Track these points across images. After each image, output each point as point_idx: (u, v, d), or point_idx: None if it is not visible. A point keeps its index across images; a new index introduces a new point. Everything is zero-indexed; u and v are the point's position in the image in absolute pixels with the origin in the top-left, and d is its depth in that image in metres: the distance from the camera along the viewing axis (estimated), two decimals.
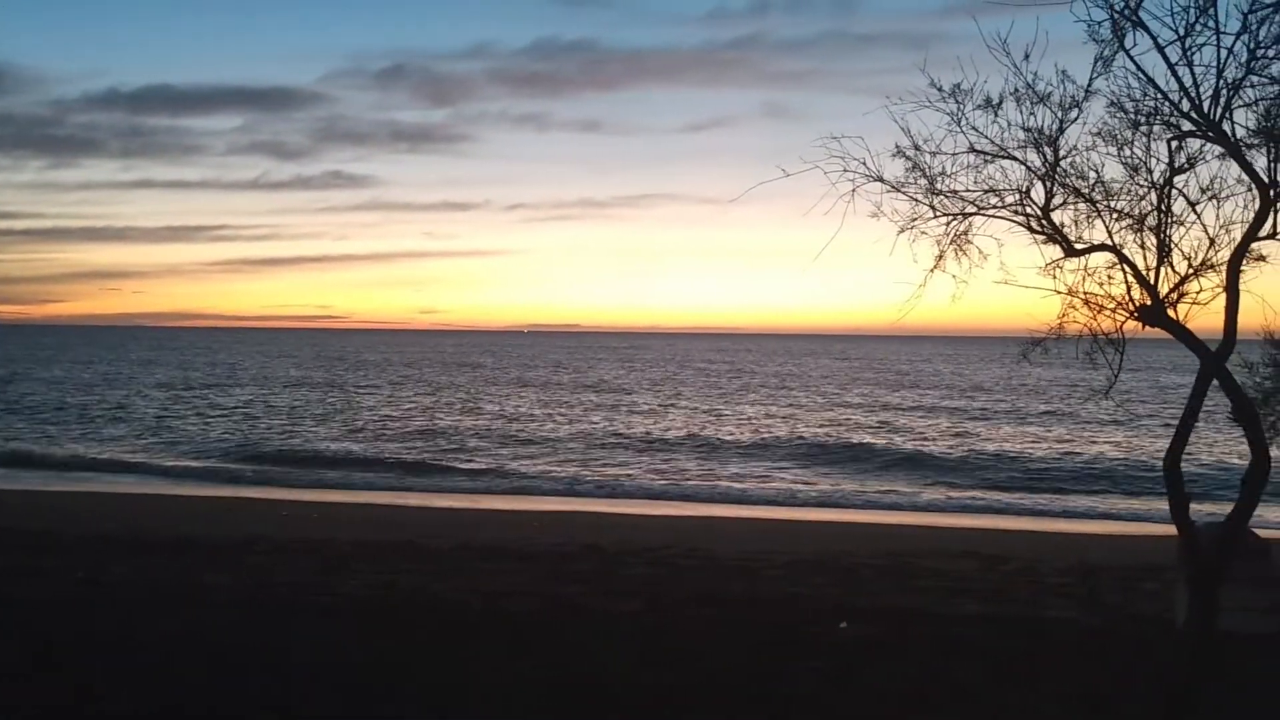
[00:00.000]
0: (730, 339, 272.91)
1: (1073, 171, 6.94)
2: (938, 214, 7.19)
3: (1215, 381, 6.54)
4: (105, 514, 19.30)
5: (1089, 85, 6.70)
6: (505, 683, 8.31)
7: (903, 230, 7.25)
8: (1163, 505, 7.11)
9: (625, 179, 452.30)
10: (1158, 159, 6.72)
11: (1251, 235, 6.47)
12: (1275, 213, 6.48)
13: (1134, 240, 6.85)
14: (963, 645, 10.00)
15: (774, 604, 11.74)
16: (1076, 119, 6.83)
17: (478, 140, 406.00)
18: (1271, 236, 6.52)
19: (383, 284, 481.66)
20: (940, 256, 7.21)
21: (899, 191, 7.15)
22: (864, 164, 7.08)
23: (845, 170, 7.06)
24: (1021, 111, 6.88)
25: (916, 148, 7.15)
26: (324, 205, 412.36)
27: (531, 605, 11.21)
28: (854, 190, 7.07)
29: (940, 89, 6.99)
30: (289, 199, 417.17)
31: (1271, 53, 6.27)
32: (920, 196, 7.17)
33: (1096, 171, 6.91)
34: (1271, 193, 6.41)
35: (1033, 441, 39.38)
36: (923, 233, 7.25)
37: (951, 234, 7.20)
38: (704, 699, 8.24)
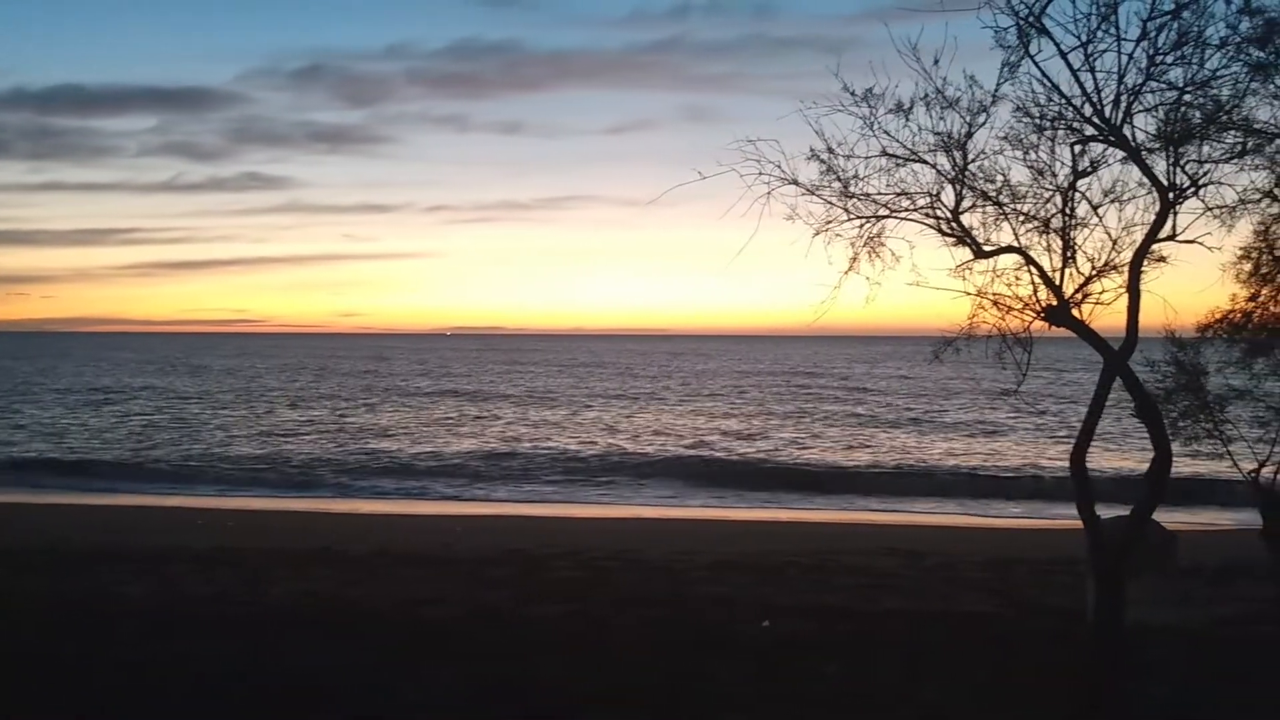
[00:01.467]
0: (652, 341, 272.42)
1: (981, 175, 7.10)
2: (851, 216, 7.29)
3: (1120, 379, 6.72)
4: (16, 524, 18.65)
5: (996, 90, 6.87)
6: (425, 691, 8.19)
7: (818, 233, 7.35)
8: (1069, 504, 7.26)
9: (547, 180, 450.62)
10: (1062, 163, 6.93)
11: (1152, 237, 6.67)
12: (1174, 215, 6.70)
13: (1040, 242, 7.03)
14: (883, 641, 10.12)
15: (700, 604, 11.76)
16: (984, 123, 7.01)
17: (397, 141, 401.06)
18: (1171, 238, 6.73)
19: (301, 287, 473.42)
20: (854, 258, 7.32)
21: (813, 194, 7.23)
22: (779, 167, 7.15)
23: (760, 173, 7.12)
24: (931, 116, 7.03)
25: (830, 151, 7.26)
26: (240, 207, 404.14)
27: (452, 612, 11.07)
28: (769, 193, 7.14)
29: (853, 93, 7.10)
30: (204, 201, 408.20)
31: (1170, 59, 6.48)
32: (834, 199, 7.27)
33: (1003, 175, 7.08)
34: (1171, 195, 6.61)
35: (939, 441, 40.03)
36: (837, 235, 7.36)
37: (865, 236, 7.32)
38: (628, 702, 8.20)
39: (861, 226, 7.27)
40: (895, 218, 7.26)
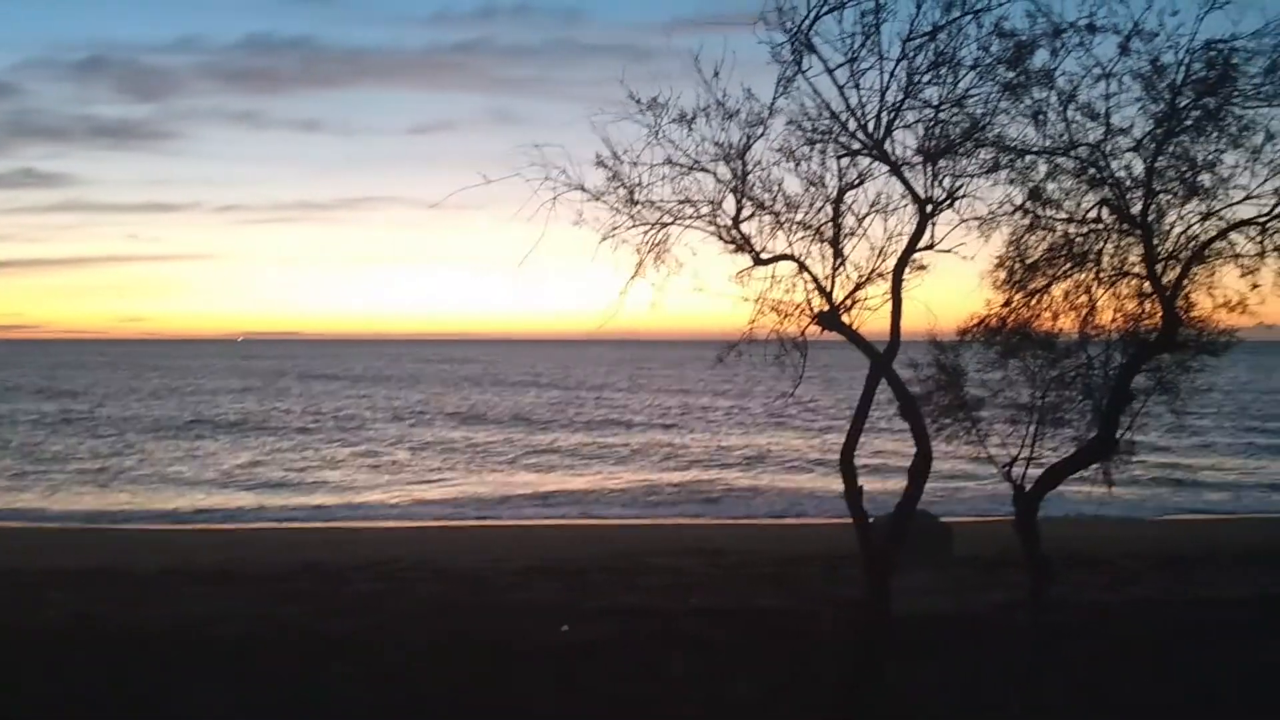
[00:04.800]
0: (448, 346, 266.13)
1: (759, 185, 7.34)
2: (637, 223, 7.42)
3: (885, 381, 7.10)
4: None
5: (772, 104, 7.12)
6: (207, 714, 7.87)
7: (605, 239, 7.44)
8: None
9: (346, 181, 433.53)
10: (832, 175, 7.22)
11: (912, 246, 7.07)
12: (933, 226, 7.12)
13: (813, 250, 7.33)
14: (681, 639, 10.37)
15: (502, 612, 11.74)
16: (762, 135, 7.24)
17: (187, 138, 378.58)
18: (930, 247, 7.15)
19: (82, 291, 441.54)
20: (640, 264, 7.44)
21: (599, 200, 7.32)
22: (564, 172, 7.20)
23: (547, 178, 7.16)
24: (711, 126, 7.22)
25: (617, 158, 7.35)
26: (14, 205, 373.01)
27: (241, 630, 10.67)
28: (555, 198, 7.19)
29: (639, 101, 7.21)
30: None
31: (927, 78, 6.88)
32: (620, 206, 7.37)
33: (779, 186, 7.33)
34: (929, 207, 7.03)
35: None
36: (624, 241, 7.47)
37: (650, 242, 7.45)
38: (423, 714, 8.12)
39: (646, 233, 7.44)
40: (679, 225, 7.45)
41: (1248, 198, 7.27)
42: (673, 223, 7.45)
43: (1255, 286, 7.40)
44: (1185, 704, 8.31)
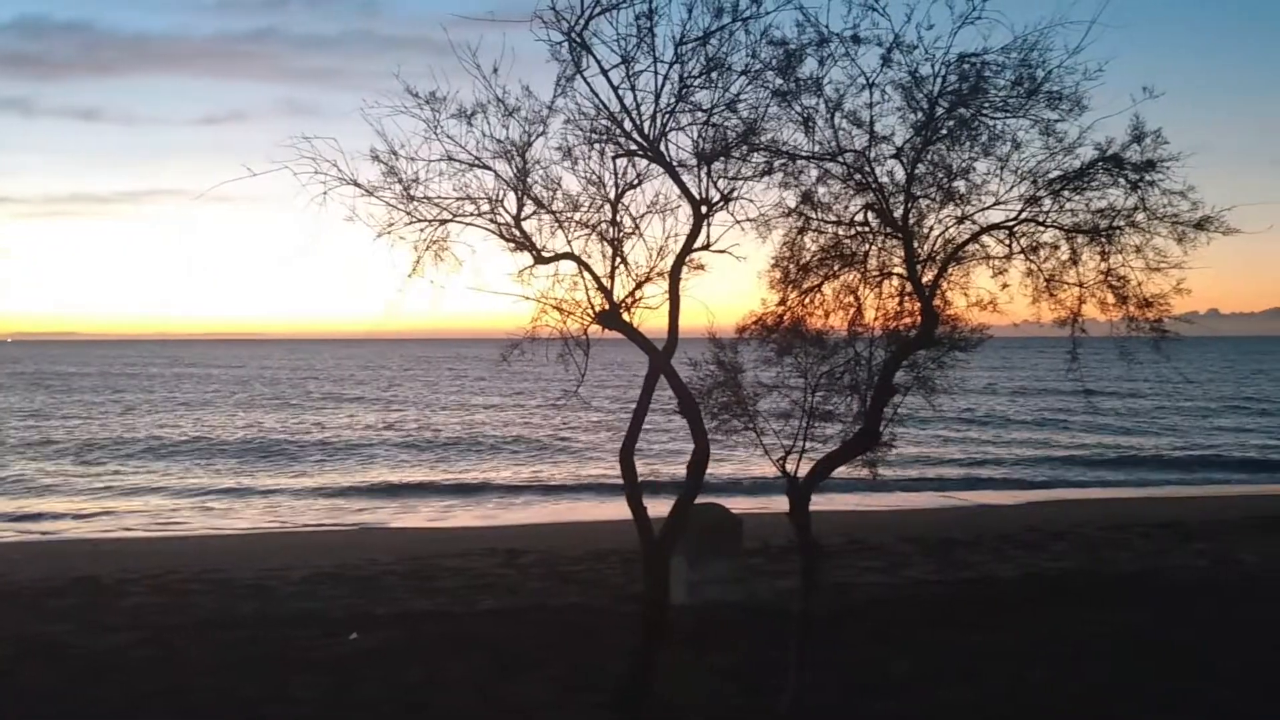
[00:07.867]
0: (237, 346, 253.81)
1: (540, 183, 7.33)
2: (413, 220, 7.28)
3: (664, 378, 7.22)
4: None
5: (551, 103, 7.11)
6: None
7: (380, 235, 7.27)
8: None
9: (128, 172, 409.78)
10: (610, 175, 7.29)
11: (688, 246, 7.23)
12: (708, 226, 7.29)
13: (594, 250, 7.38)
14: (473, 641, 10.28)
15: (286, 621, 11.36)
16: (542, 134, 7.23)
17: None
18: (705, 248, 7.32)
19: None
20: (418, 261, 7.31)
21: (372, 196, 7.14)
22: (336, 166, 6.99)
23: (317, 172, 6.94)
24: (491, 123, 7.16)
25: (394, 153, 7.19)
26: None
27: (7, 650, 9.98)
28: (325, 193, 6.98)
29: (416, 95, 7.07)
30: None
31: (699, 82, 7.03)
32: (396, 202, 7.22)
33: (559, 184, 7.35)
34: (704, 209, 7.20)
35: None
36: (400, 238, 7.32)
37: (428, 240, 7.33)
38: None
39: (424, 230, 7.30)
40: (458, 222, 7.34)
41: (997, 203, 7.77)
42: (452, 220, 7.35)
43: (1005, 286, 7.96)
44: (953, 681, 8.84)
